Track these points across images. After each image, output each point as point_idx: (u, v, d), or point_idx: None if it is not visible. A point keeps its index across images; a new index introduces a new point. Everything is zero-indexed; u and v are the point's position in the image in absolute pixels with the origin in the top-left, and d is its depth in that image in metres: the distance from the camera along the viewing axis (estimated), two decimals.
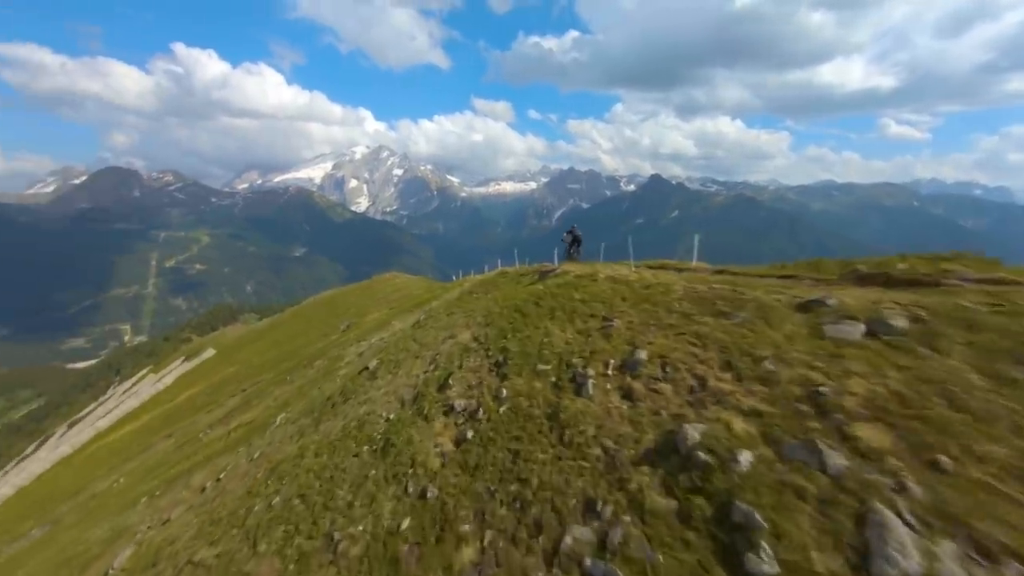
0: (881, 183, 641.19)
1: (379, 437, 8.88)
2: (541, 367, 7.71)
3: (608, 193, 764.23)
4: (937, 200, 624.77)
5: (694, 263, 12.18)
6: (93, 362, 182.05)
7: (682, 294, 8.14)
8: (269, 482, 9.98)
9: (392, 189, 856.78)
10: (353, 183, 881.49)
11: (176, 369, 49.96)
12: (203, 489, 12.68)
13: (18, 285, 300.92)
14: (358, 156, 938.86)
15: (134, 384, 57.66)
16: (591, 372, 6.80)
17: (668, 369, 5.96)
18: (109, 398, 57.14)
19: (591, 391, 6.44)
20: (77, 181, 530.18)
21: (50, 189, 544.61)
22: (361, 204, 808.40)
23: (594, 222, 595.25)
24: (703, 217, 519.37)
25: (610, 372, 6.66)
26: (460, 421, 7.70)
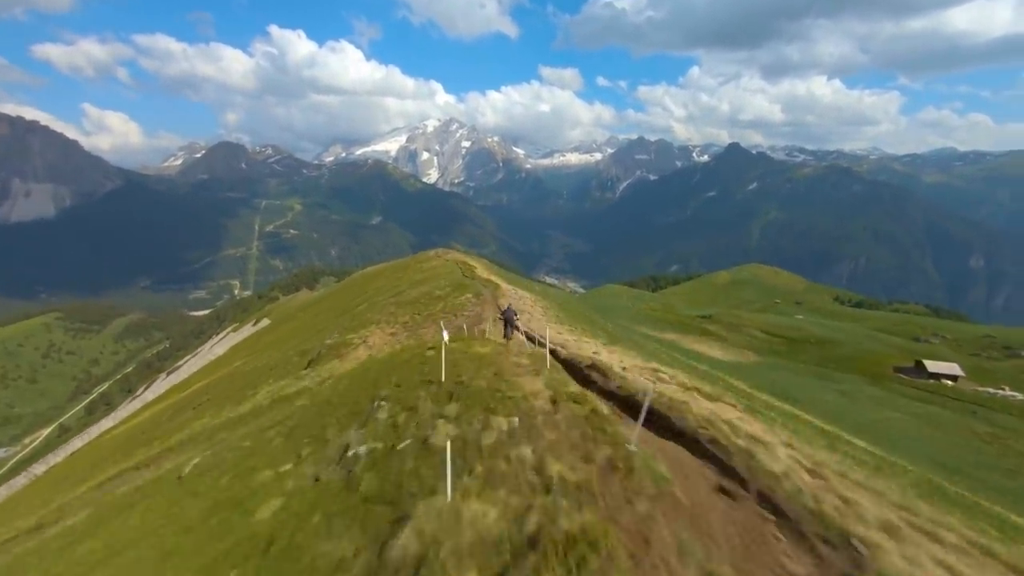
0: (1018, 151, 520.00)
1: None
2: None
3: (679, 164, 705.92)
4: None
5: None
6: (208, 311, 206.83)
7: None
8: None
9: (460, 161, 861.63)
10: (425, 155, 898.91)
11: (242, 332, 52.69)
12: None
13: (156, 243, 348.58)
14: (430, 129, 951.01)
15: (220, 339, 62.08)
16: None
17: None
18: (198, 354, 62.29)
19: None
20: (198, 155, 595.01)
21: (179, 162, 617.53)
22: (432, 175, 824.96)
23: (662, 195, 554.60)
24: (786, 190, 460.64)
25: None
26: None
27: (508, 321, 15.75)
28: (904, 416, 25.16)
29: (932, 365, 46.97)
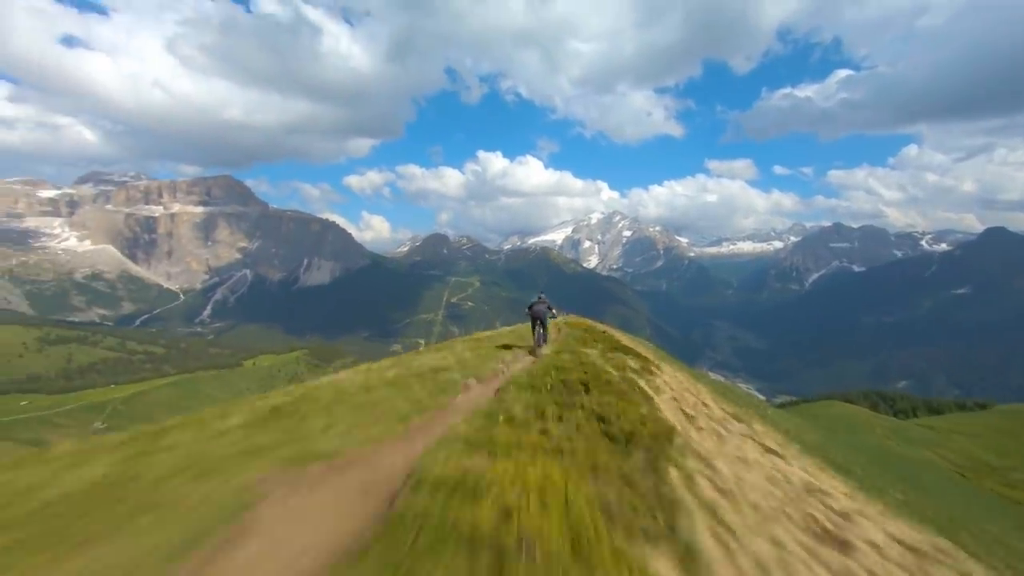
0: None
1: None
2: None
3: (897, 253, 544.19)
4: None
5: None
6: None
7: None
8: None
9: (619, 249, 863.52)
10: (587, 244, 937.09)
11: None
12: None
13: (379, 306, 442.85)
14: (593, 221, 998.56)
15: None
16: None
17: None
18: None
19: None
20: (417, 244, 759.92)
21: (406, 249, 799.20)
22: (592, 262, 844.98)
23: (873, 290, 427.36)
24: None
25: None
26: None
27: (538, 318, 10.88)
28: None
29: None
